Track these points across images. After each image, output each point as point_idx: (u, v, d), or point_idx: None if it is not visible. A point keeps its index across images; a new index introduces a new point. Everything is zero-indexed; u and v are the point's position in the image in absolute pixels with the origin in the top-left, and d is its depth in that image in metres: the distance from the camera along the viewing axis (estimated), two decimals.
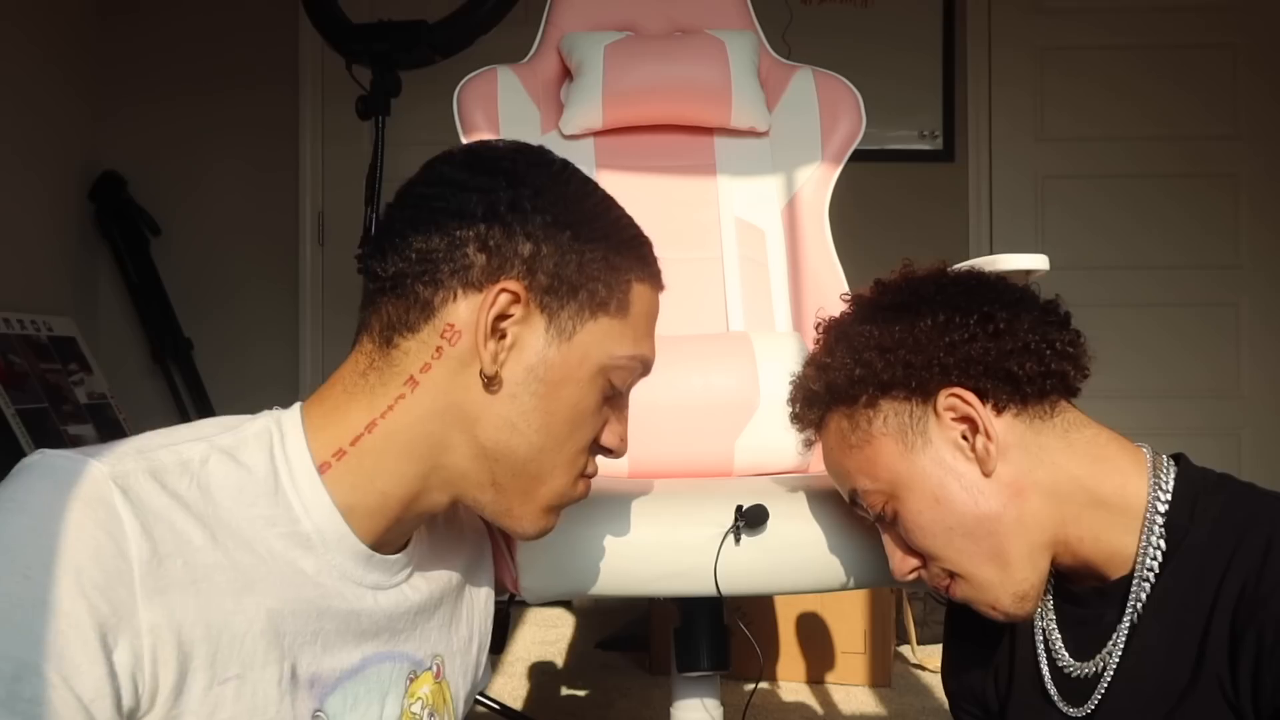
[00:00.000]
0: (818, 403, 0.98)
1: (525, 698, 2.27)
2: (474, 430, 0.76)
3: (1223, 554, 0.81)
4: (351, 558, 0.76)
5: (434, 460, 0.76)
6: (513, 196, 0.76)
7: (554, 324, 0.76)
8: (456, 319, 0.75)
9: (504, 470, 0.77)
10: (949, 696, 1.08)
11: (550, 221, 0.76)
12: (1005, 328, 0.88)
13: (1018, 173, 3.24)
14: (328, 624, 0.74)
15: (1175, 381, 3.15)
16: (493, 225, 0.75)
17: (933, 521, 0.90)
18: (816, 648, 2.38)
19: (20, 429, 2.36)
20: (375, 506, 0.76)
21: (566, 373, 0.77)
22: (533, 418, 0.76)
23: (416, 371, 0.75)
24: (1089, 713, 0.90)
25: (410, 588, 0.83)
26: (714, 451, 1.43)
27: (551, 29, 1.75)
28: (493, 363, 0.74)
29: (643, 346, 0.82)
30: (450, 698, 0.88)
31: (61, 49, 2.96)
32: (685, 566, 1.11)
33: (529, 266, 0.75)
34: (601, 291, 0.78)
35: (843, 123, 1.67)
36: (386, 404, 0.75)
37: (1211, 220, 3.21)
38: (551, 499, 0.81)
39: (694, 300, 1.62)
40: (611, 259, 0.78)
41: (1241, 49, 3.23)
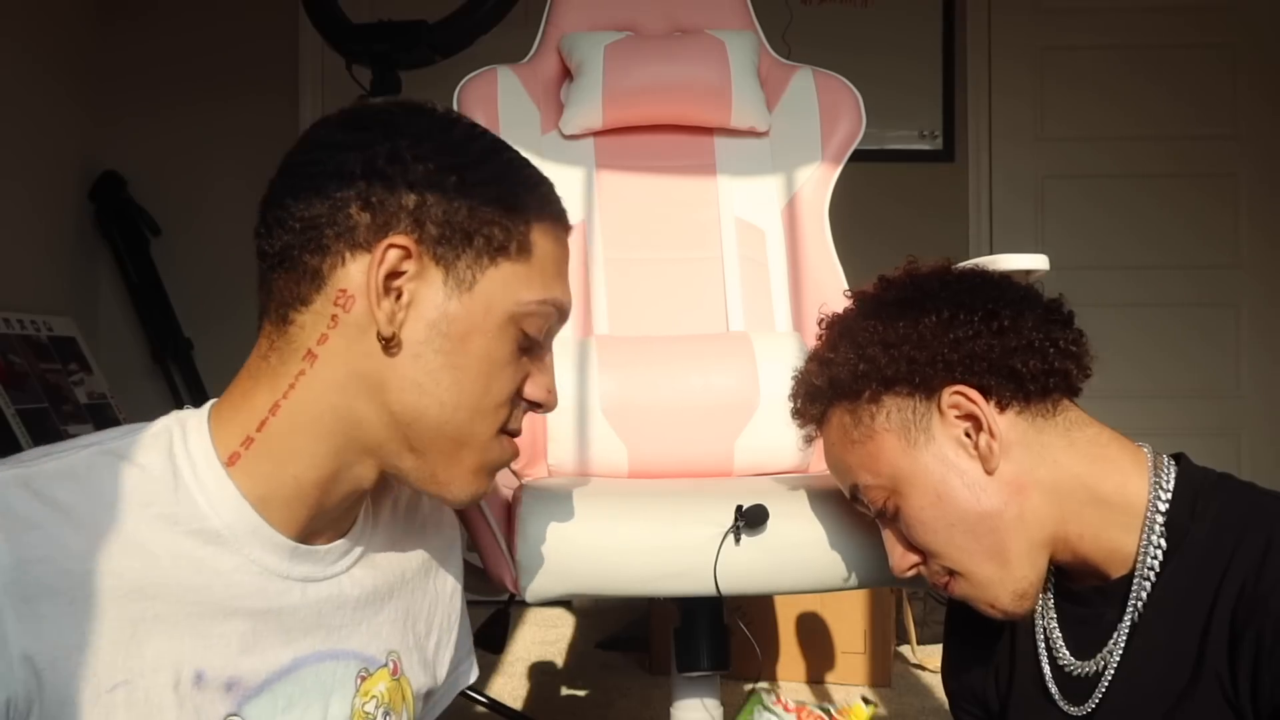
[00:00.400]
0: (820, 398, 0.98)
1: (525, 698, 2.27)
2: (382, 397, 0.72)
3: (1223, 553, 0.81)
4: (272, 551, 0.73)
5: (345, 435, 0.73)
6: (391, 148, 0.72)
7: (451, 275, 0.72)
8: (348, 284, 0.71)
9: (420, 435, 0.74)
10: (949, 696, 1.08)
11: (434, 169, 0.72)
12: (1010, 325, 0.89)
13: (1018, 173, 3.24)
14: (242, 624, 0.71)
15: (1175, 382, 3.15)
16: (373, 181, 0.71)
17: (934, 518, 0.90)
18: (816, 648, 2.38)
19: (20, 429, 2.36)
20: (291, 493, 0.73)
21: (472, 324, 0.73)
22: (441, 376, 0.73)
23: (314, 344, 0.72)
24: (1089, 711, 0.90)
25: (350, 579, 0.80)
26: (714, 451, 1.43)
27: (551, 29, 1.75)
28: (390, 323, 0.71)
29: (553, 290, 0.77)
30: (411, 696, 0.85)
31: (62, 49, 2.96)
32: (685, 566, 1.11)
33: (416, 218, 0.71)
34: (498, 235, 0.73)
35: (843, 123, 1.67)
36: (288, 383, 0.72)
37: (1211, 221, 3.21)
38: (477, 460, 0.77)
39: (694, 300, 1.62)
40: (506, 200, 0.74)
41: (1240, 50, 3.23)
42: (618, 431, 1.41)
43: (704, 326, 1.60)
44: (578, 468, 1.43)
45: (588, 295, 1.60)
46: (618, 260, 1.62)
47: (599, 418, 1.41)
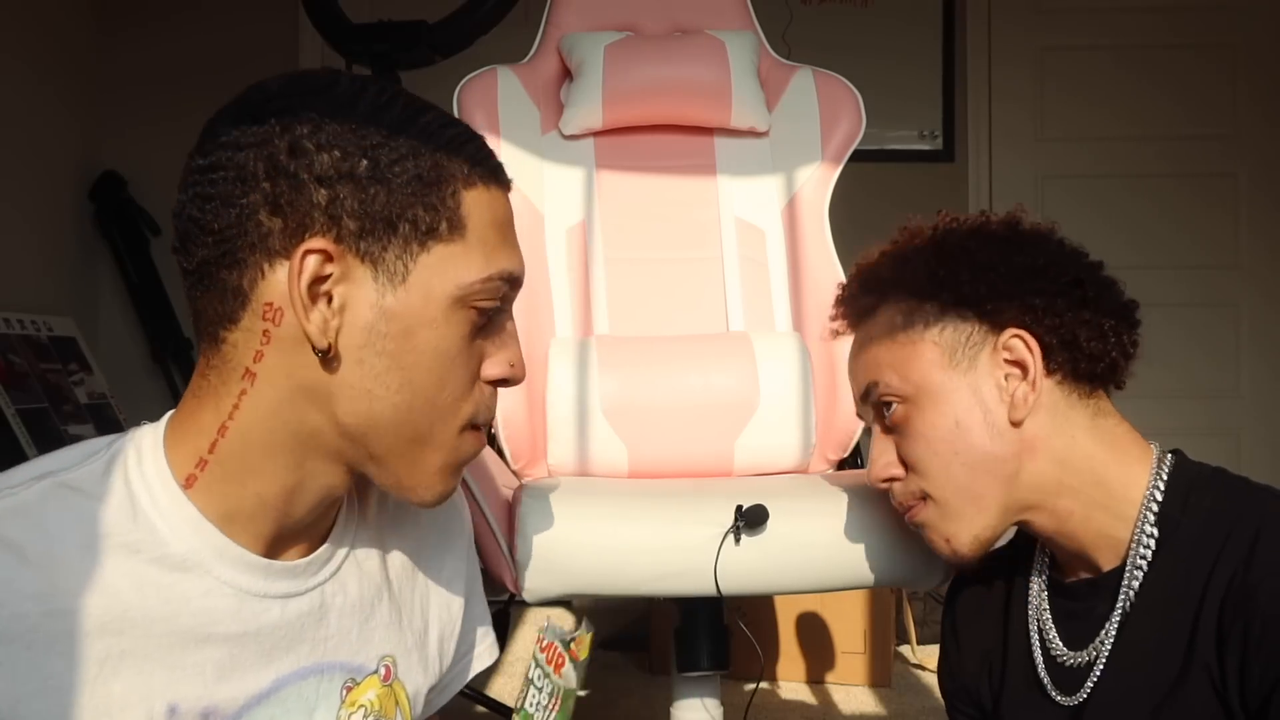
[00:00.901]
0: (879, 289, 0.97)
1: None
2: (331, 409, 0.68)
3: (1213, 545, 0.82)
4: (244, 570, 0.69)
5: (302, 447, 0.69)
6: (291, 140, 0.66)
7: (380, 269, 0.67)
8: (273, 296, 0.66)
9: (377, 442, 0.69)
10: (945, 697, 1.09)
11: (340, 156, 0.66)
12: (1090, 300, 0.91)
13: (1018, 173, 3.24)
14: (217, 650, 0.68)
15: (1175, 381, 3.14)
16: (277, 180, 0.65)
17: (943, 441, 0.91)
18: (816, 648, 2.38)
19: (20, 429, 2.36)
20: (255, 509, 0.69)
21: (413, 318, 0.67)
22: (389, 379, 0.68)
23: (250, 363, 0.67)
24: (1080, 701, 0.90)
25: (335, 587, 0.76)
26: (714, 451, 1.43)
27: (551, 29, 1.75)
28: (323, 335, 0.66)
29: (497, 262, 0.71)
30: (406, 699, 0.82)
31: (61, 49, 2.96)
32: (685, 566, 1.11)
33: (330, 215, 0.65)
34: (424, 216, 0.67)
35: (843, 123, 1.67)
36: (231, 404, 0.68)
37: (1210, 222, 3.21)
38: (441, 460, 0.72)
39: (694, 300, 1.62)
40: (427, 175, 0.67)
41: (1239, 51, 3.22)
42: (618, 431, 1.41)
43: (704, 326, 1.60)
44: (578, 468, 1.43)
45: (588, 295, 1.60)
46: (618, 260, 1.62)
47: (599, 418, 1.41)
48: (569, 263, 1.61)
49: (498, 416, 1.44)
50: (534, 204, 1.62)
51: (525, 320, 1.52)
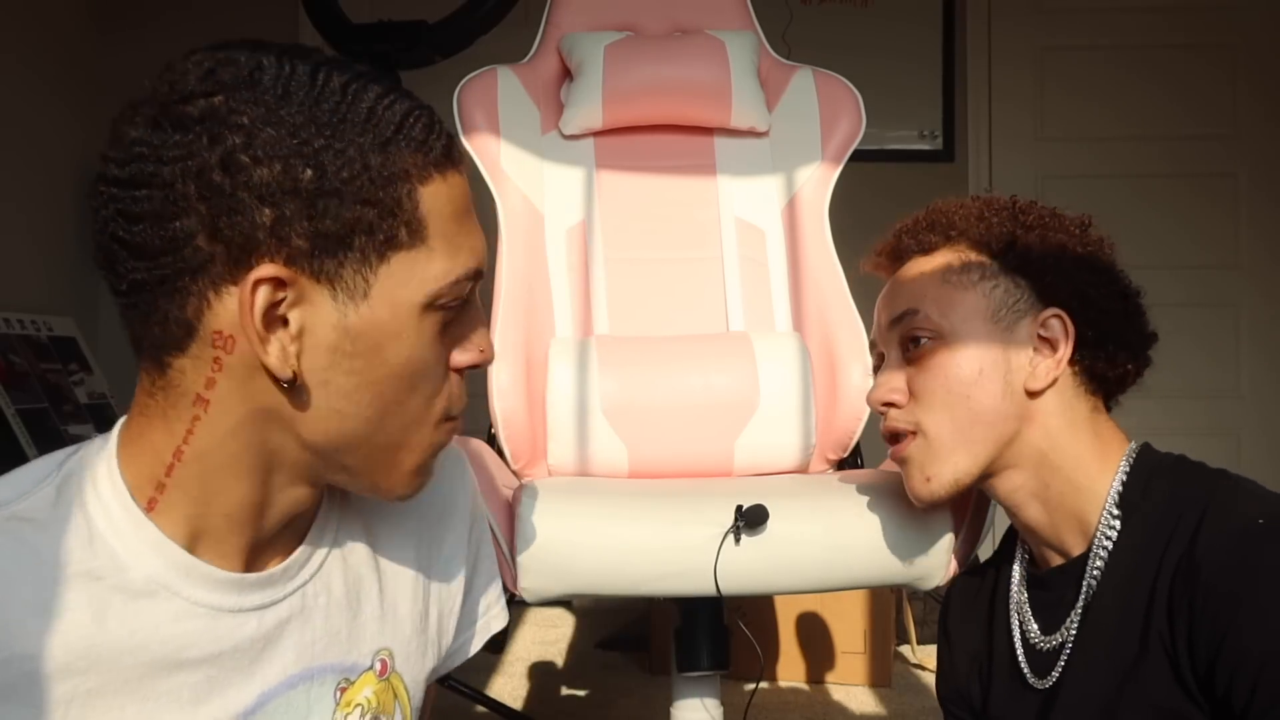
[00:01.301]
0: (945, 231, 1.01)
1: (525, 698, 2.27)
2: (296, 431, 0.64)
3: (1167, 527, 0.86)
4: (214, 588, 0.65)
5: (266, 466, 0.66)
6: (222, 154, 0.59)
7: (339, 288, 0.62)
8: (223, 325, 0.61)
9: (350, 457, 0.66)
10: (940, 701, 1.10)
11: (282, 170, 0.59)
12: (1131, 313, 0.97)
13: (1018, 173, 3.24)
14: (193, 674, 0.64)
15: (1175, 381, 3.14)
16: (213, 202, 0.59)
17: (962, 383, 0.94)
18: (816, 648, 2.38)
19: (20, 429, 2.36)
20: (223, 529, 0.65)
21: (380, 334, 0.63)
22: (359, 396, 0.64)
23: (202, 390, 0.63)
24: (1052, 684, 0.93)
25: (318, 586, 0.72)
26: (714, 451, 1.43)
27: (551, 29, 1.75)
28: (284, 364, 0.61)
29: (463, 259, 0.66)
30: (405, 691, 0.78)
31: (61, 50, 2.96)
32: (685, 566, 1.11)
33: (277, 236, 0.59)
34: (381, 225, 0.62)
35: (843, 123, 1.67)
36: (184, 429, 0.63)
37: (1210, 222, 3.21)
38: (416, 460, 0.69)
39: (694, 300, 1.62)
40: (379, 177, 0.62)
41: (1240, 49, 3.22)
42: (618, 431, 1.41)
43: (704, 326, 1.60)
44: (578, 468, 1.43)
45: (588, 295, 1.60)
46: (618, 260, 1.62)
47: (599, 418, 1.41)
48: (569, 263, 1.61)
49: (498, 417, 1.45)
50: (534, 204, 1.62)
51: (525, 320, 1.52)
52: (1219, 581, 0.79)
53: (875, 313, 1.06)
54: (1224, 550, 0.80)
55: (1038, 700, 0.95)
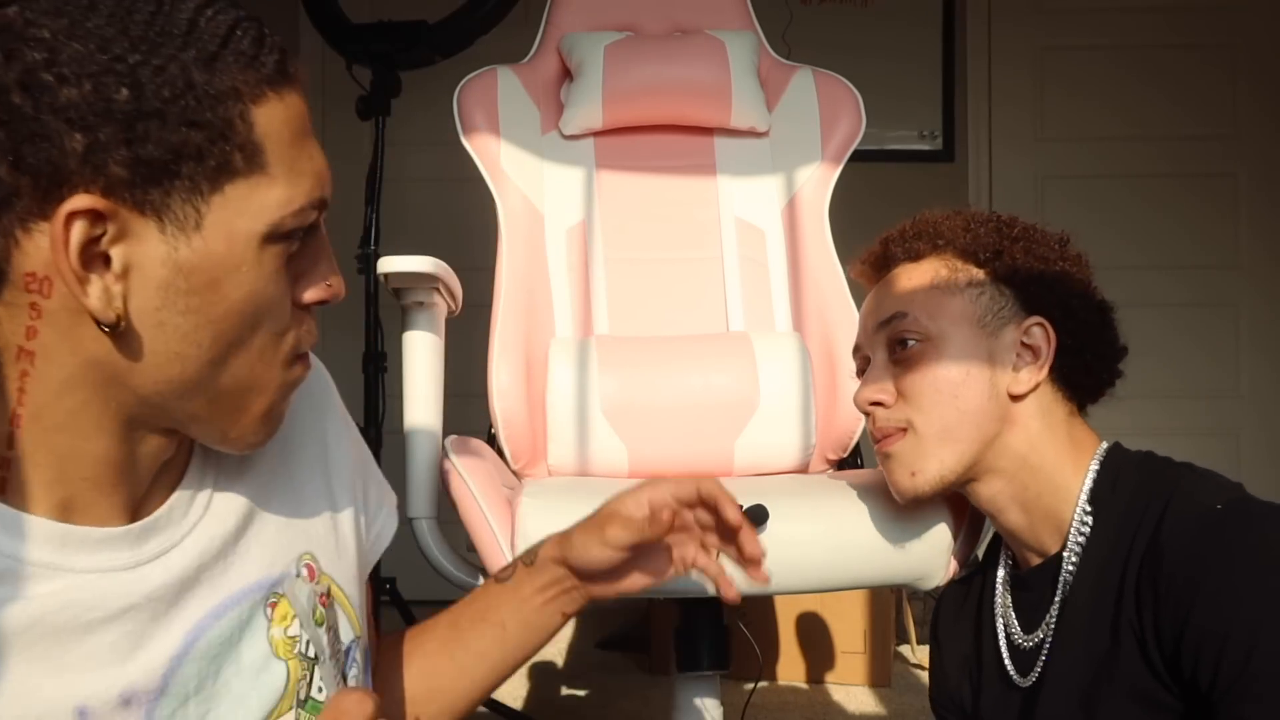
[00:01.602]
0: (932, 239, 1.04)
1: (525, 698, 2.27)
2: (132, 381, 0.58)
3: (1134, 518, 0.89)
4: (100, 549, 0.60)
5: (115, 424, 0.60)
6: (20, 72, 0.52)
7: (168, 219, 0.56)
8: (35, 266, 0.55)
9: (195, 403, 0.61)
10: (932, 705, 1.13)
11: (92, 89, 0.53)
12: (1106, 326, 1.02)
13: (1018, 173, 3.24)
14: (109, 633, 0.60)
15: (1175, 381, 3.14)
16: (13, 127, 0.52)
17: (949, 383, 0.98)
18: (816, 648, 2.38)
19: None
20: (91, 494, 0.60)
21: (217, 268, 0.58)
22: (199, 336, 0.58)
23: (24, 342, 0.57)
24: (1034, 681, 0.96)
25: (217, 514, 0.67)
26: (714, 451, 1.43)
27: (551, 29, 1.75)
28: (107, 307, 0.55)
29: (304, 186, 0.60)
30: (338, 591, 0.75)
31: None
32: None
33: (92, 165, 0.53)
34: (212, 150, 0.56)
35: (842, 123, 1.67)
36: (15, 388, 0.57)
37: (1211, 220, 3.21)
38: (266, 402, 0.64)
39: (694, 300, 1.62)
40: (207, 96, 0.55)
41: (1240, 49, 3.22)
42: (618, 431, 1.41)
43: (704, 326, 1.60)
44: (578, 468, 1.43)
45: (588, 295, 1.60)
46: (618, 260, 1.62)
47: (599, 418, 1.41)
48: (569, 263, 1.61)
49: (498, 417, 1.45)
50: (534, 204, 1.62)
51: (525, 320, 1.53)
52: (1180, 566, 0.83)
53: (860, 318, 1.08)
54: (1185, 536, 0.84)
55: (1021, 698, 0.97)
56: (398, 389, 1.47)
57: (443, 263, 1.30)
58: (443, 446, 1.30)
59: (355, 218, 2.18)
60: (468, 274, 1.45)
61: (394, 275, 1.28)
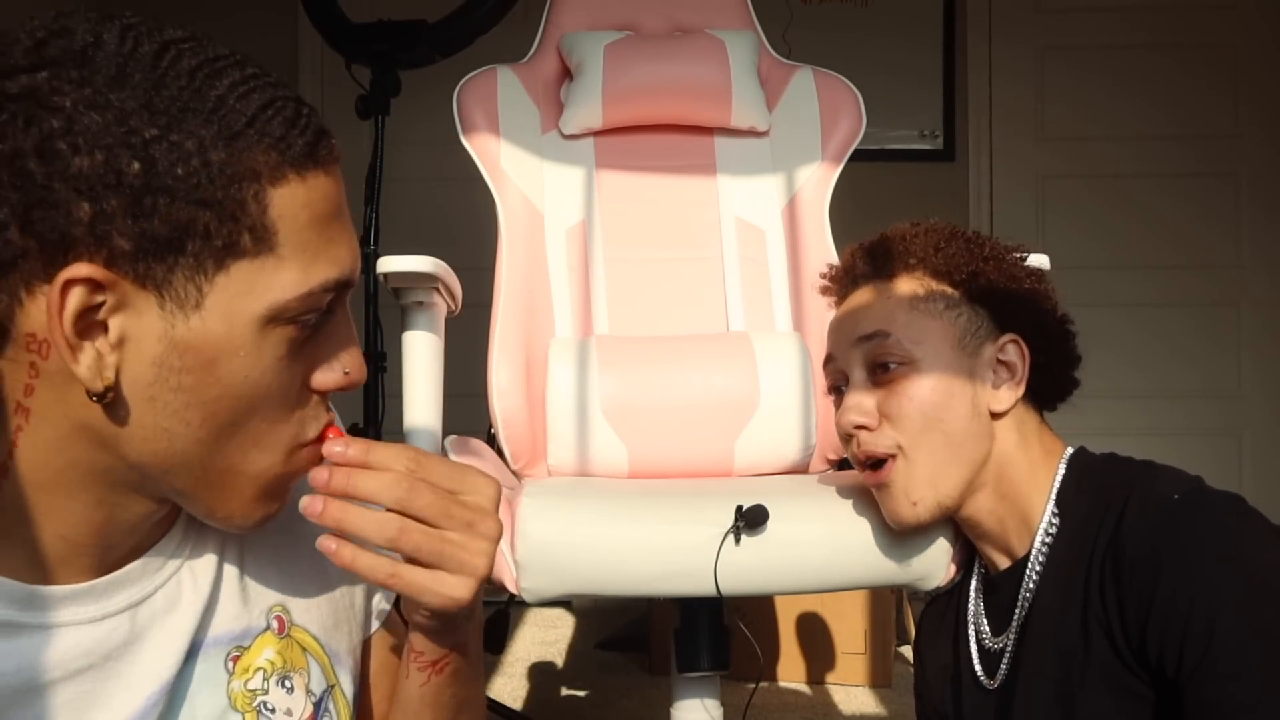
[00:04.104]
0: (904, 258, 1.04)
1: (525, 698, 2.27)
2: (118, 450, 0.58)
3: (1097, 516, 0.91)
4: (71, 604, 0.60)
5: (99, 484, 0.59)
6: (37, 139, 0.52)
7: (167, 296, 0.55)
8: (35, 328, 0.55)
9: (182, 479, 0.60)
10: (918, 710, 1.14)
11: (104, 160, 0.53)
12: (1068, 337, 1.05)
13: (1018, 173, 3.24)
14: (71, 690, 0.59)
15: (1176, 381, 3.14)
16: (25, 191, 0.53)
17: (935, 405, 0.98)
18: (816, 648, 2.38)
19: None
20: (64, 552, 0.60)
21: (214, 349, 0.56)
22: (189, 415, 0.57)
23: (21, 398, 0.57)
24: (1002, 682, 0.98)
25: (195, 564, 0.66)
26: (714, 451, 1.43)
27: (551, 29, 1.75)
28: (97, 377, 0.55)
29: (319, 272, 0.58)
30: (312, 642, 0.72)
31: None
32: (685, 567, 1.11)
33: (96, 234, 0.53)
34: (220, 230, 0.55)
35: (843, 122, 1.67)
36: (9, 440, 0.58)
37: (1212, 220, 3.21)
38: (258, 488, 0.62)
39: (694, 300, 1.62)
40: (218, 175, 0.54)
41: (1242, 47, 3.22)
42: (618, 431, 1.41)
43: (704, 326, 1.60)
44: (578, 468, 1.43)
45: (588, 295, 1.60)
46: (618, 260, 1.62)
47: (599, 418, 1.41)
48: (569, 263, 1.61)
49: (497, 417, 1.44)
50: (534, 204, 1.61)
51: (525, 320, 1.52)
52: (1140, 554, 0.85)
53: (832, 330, 1.09)
54: (1145, 526, 0.86)
55: (994, 700, 0.99)
56: (397, 389, 1.46)
57: (442, 262, 1.30)
58: (442, 447, 1.30)
59: (355, 218, 2.17)
60: (468, 274, 1.44)
61: (393, 275, 1.28)
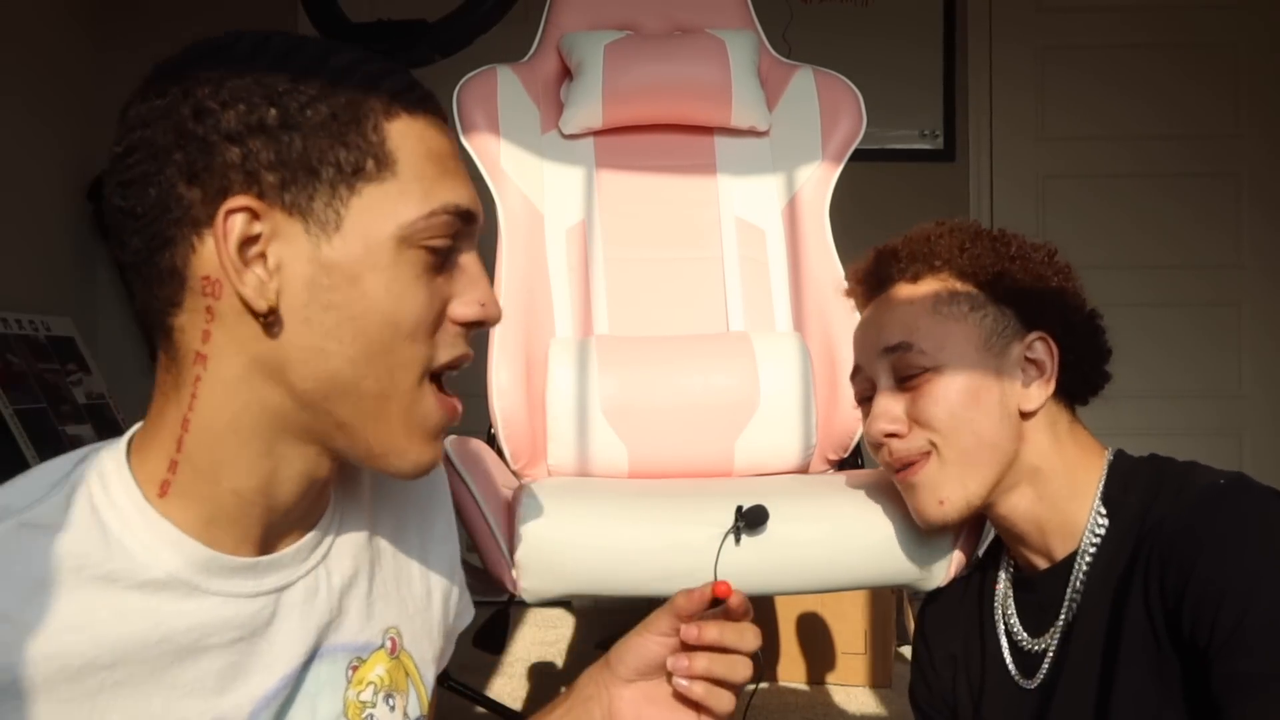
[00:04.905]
0: (928, 260, 1.03)
1: (525, 698, 2.26)
2: (287, 378, 0.64)
3: (1143, 508, 0.92)
4: (233, 576, 0.66)
5: (269, 429, 0.66)
6: (193, 105, 0.63)
7: (311, 220, 0.63)
8: (208, 269, 0.63)
9: (340, 405, 0.65)
10: (914, 704, 1.12)
11: (246, 109, 0.62)
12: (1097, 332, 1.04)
13: (1018, 173, 3.24)
14: (217, 660, 0.65)
15: (1176, 381, 3.14)
16: (187, 148, 0.62)
17: (963, 407, 0.98)
18: (816, 648, 2.38)
19: (18, 429, 2.36)
20: (236, 510, 0.66)
21: (357, 266, 0.64)
22: (341, 332, 0.64)
23: (199, 345, 0.64)
24: (1043, 682, 0.97)
25: (329, 568, 0.73)
26: (714, 451, 1.43)
27: (551, 28, 1.74)
28: (260, 297, 0.62)
29: (438, 195, 0.66)
30: (415, 669, 0.79)
31: (59, 47, 2.96)
32: (685, 567, 1.11)
33: (247, 171, 0.62)
34: (347, 157, 0.64)
35: (843, 122, 1.66)
36: (189, 393, 0.65)
37: (1212, 220, 3.21)
38: (410, 419, 0.68)
39: (694, 300, 1.62)
40: (342, 114, 0.64)
41: (1242, 47, 3.22)
42: (618, 431, 1.41)
43: (704, 326, 1.60)
44: (578, 468, 1.43)
45: (588, 295, 1.60)
46: (618, 260, 1.62)
47: (599, 418, 1.41)
48: (569, 263, 1.61)
49: (497, 417, 1.44)
50: (534, 204, 1.61)
51: (525, 320, 1.52)
52: (1180, 533, 0.85)
53: (858, 337, 1.07)
54: (1186, 509, 0.87)
55: (1030, 700, 0.98)
56: None
57: None
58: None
59: None
60: None
61: None
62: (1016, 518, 1.00)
